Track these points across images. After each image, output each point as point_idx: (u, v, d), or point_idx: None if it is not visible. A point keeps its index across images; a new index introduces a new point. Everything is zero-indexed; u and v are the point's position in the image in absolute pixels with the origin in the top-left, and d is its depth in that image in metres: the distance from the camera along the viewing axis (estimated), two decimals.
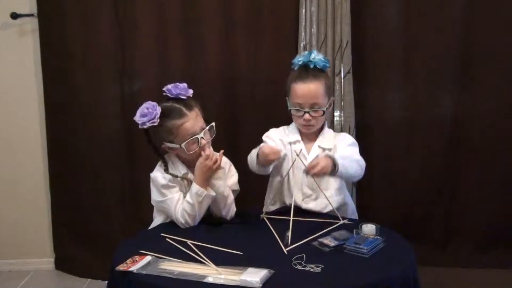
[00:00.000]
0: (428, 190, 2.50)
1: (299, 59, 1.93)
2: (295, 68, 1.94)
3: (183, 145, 1.81)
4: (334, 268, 1.45)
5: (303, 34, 2.28)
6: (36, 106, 2.53)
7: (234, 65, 2.37)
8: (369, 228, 1.67)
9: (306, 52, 1.95)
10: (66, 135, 2.49)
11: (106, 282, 1.59)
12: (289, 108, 1.93)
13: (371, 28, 2.38)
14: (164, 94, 1.86)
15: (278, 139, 1.96)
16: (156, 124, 1.81)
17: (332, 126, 2.31)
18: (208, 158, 1.81)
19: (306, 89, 1.87)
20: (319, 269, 1.43)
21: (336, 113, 2.32)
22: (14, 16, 2.41)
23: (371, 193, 2.44)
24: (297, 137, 1.94)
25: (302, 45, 2.29)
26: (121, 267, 1.45)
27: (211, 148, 1.87)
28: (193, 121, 1.83)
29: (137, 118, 1.83)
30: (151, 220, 2.00)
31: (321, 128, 1.96)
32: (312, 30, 2.28)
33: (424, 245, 2.45)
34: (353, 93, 2.32)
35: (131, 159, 2.48)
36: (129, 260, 1.49)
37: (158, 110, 1.81)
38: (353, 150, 1.91)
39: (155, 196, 1.88)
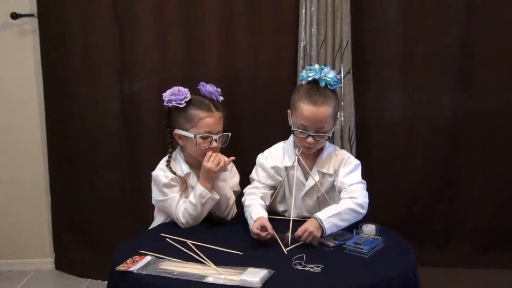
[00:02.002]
0: (428, 190, 2.49)
1: (309, 74, 1.79)
2: (303, 82, 1.82)
3: (198, 136, 1.82)
4: (334, 268, 1.45)
5: (303, 34, 2.28)
6: (36, 106, 2.53)
7: (234, 65, 2.36)
8: (369, 228, 1.67)
9: (317, 67, 1.81)
10: (66, 135, 2.49)
11: (106, 282, 1.59)
12: (290, 125, 1.83)
13: (371, 28, 2.37)
14: (199, 88, 1.91)
15: (271, 167, 1.87)
16: (181, 106, 1.85)
17: None
18: (209, 161, 1.81)
19: (314, 112, 1.74)
20: (319, 269, 1.43)
21: None
22: (14, 16, 2.41)
23: (371, 193, 2.42)
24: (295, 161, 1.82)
25: (302, 45, 2.29)
26: (121, 267, 1.45)
27: (220, 153, 1.87)
28: (215, 120, 1.86)
29: (166, 95, 1.88)
30: (151, 220, 2.00)
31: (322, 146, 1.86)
32: (312, 30, 2.27)
33: (424, 245, 2.46)
34: (353, 93, 2.31)
35: (131, 159, 2.48)
36: (129, 260, 1.49)
37: (188, 95, 1.87)
38: (353, 177, 1.81)
39: (155, 195, 1.89)
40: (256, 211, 1.72)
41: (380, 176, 2.45)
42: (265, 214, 1.71)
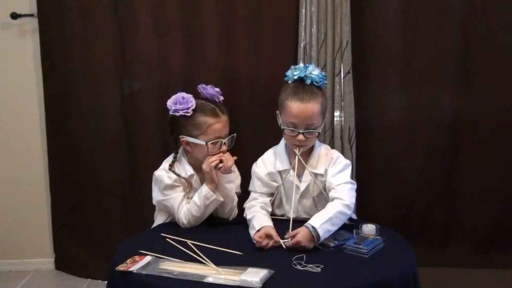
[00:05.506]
0: (428, 190, 2.49)
1: (294, 73, 1.81)
2: (289, 82, 1.83)
3: (209, 143, 1.81)
4: (334, 268, 1.45)
5: (303, 34, 2.28)
6: (36, 106, 2.53)
7: (234, 65, 2.36)
8: (369, 228, 1.67)
9: (302, 66, 1.84)
10: (66, 135, 2.49)
11: (106, 282, 1.59)
12: (280, 124, 1.84)
13: (371, 28, 2.37)
14: (199, 91, 1.89)
15: (265, 175, 1.87)
16: (188, 115, 1.82)
17: (332, 126, 2.31)
18: (204, 162, 1.82)
19: (302, 109, 1.75)
20: (319, 269, 1.43)
21: (336, 113, 2.32)
22: (14, 16, 2.41)
23: (371, 192, 2.44)
24: (287, 164, 1.85)
25: (302, 45, 2.29)
26: (121, 267, 1.45)
27: (229, 153, 1.87)
28: (223, 124, 1.86)
29: (171, 104, 1.85)
30: (152, 220, 2.00)
31: (312, 146, 1.86)
32: (312, 30, 2.28)
33: (424, 245, 2.45)
34: (353, 93, 2.31)
35: (131, 159, 2.48)
36: (129, 260, 1.49)
37: (194, 102, 1.84)
38: (342, 177, 1.79)
39: (156, 195, 1.89)
40: (258, 221, 1.70)
41: (380, 176, 2.46)
42: (269, 223, 1.70)
